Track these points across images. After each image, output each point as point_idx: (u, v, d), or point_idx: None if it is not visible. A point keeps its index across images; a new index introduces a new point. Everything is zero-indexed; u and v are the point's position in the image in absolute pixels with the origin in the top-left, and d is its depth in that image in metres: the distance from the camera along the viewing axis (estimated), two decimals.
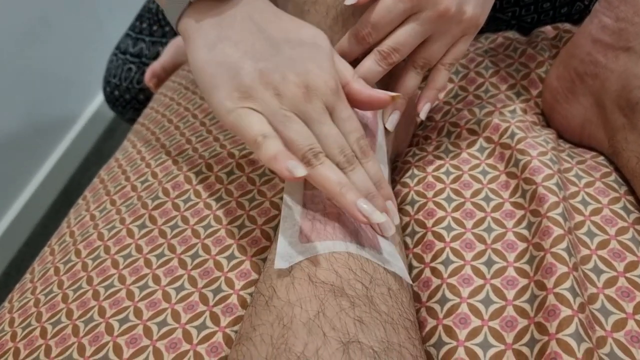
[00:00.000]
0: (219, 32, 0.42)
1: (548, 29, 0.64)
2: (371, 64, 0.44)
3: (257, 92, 0.40)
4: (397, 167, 0.54)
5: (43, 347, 0.44)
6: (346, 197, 0.37)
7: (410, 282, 0.40)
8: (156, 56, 0.95)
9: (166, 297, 0.45)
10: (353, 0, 0.43)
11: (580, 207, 0.45)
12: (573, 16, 0.68)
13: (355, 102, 0.43)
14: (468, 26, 0.45)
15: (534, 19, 0.68)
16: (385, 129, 0.47)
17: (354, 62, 0.45)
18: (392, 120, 0.46)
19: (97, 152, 1.75)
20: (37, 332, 0.45)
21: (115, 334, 0.43)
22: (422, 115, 0.47)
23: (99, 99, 1.78)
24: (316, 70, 0.40)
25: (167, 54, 0.89)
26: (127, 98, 0.97)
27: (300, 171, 0.36)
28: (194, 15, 0.42)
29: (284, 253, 0.37)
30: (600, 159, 0.50)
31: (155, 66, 0.89)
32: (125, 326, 0.43)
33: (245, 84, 0.40)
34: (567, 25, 0.63)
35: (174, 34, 0.96)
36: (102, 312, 0.45)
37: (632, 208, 0.45)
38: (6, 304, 0.51)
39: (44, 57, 1.52)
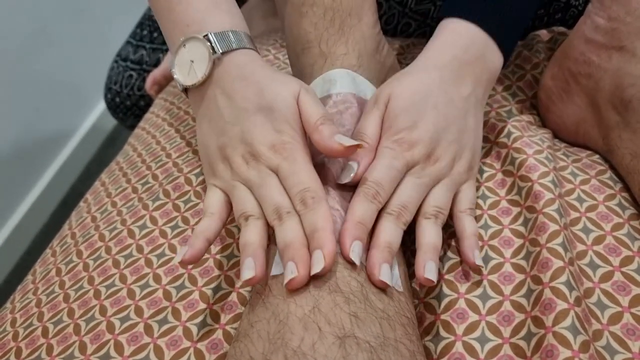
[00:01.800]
0: (202, 112, 0.47)
1: (543, 32, 0.65)
2: (391, 226, 0.40)
3: (217, 169, 0.45)
4: None
5: (45, 346, 0.44)
6: (242, 262, 0.39)
7: (405, 284, 0.40)
8: (157, 63, 0.96)
9: (167, 295, 0.45)
10: (348, 178, 0.42)
11: (576, 203, 0.46)
12: (567, 22, 0.69)
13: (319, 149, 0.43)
14: (465, 171, 0.45)
15: (528, 25, 0.69)
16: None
17: None
18: (431, 270, 0.40)
19: (97, 161, 1.76)
20: (38, 332, 0.45)
21: (117, 332, 0.43)
22: (479, 262, 0.41)
23: (100, 108, 1.79)
24: (261, 136, 0.42)
25: (168, 61, 0.90)
26: (128, 105, 0.98)
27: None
28: (190, 96, 0.49)
29: (278, 259, 0.39)
30: (595, 157, 0.51)
31: (156, 73, 0.90)
32: (126, 324, 0.43)
33: (211, 161, 0.46)
34: (561, 29, 0.64)
35: None
36: (103, 311, 0.45)
37: (627, 205, 0.45)
38: (8, 304, 0.51)
39: (45, 66, 1.53)
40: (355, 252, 0.38)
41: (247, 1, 0.94)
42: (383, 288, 0.38)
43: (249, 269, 0.38)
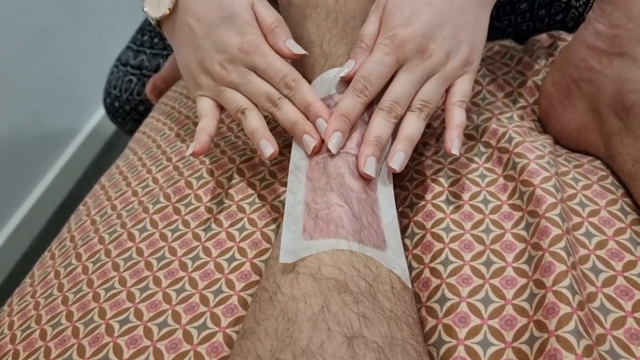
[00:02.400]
0: (178, 39, 0.52)
1: (544, 37, 0.65)
2: (381, 121, 0.45)
3: (200, 81, 0.50)
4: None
5: (42, 349, 0.44)
6: (259, 146, 0.46)
7: (409, 285, 0.40)
8: (157, 68, 0.96)
9: (167, 298, 0.45)
10: (344, 72, 0.46)
11: (578, 208, 0.46)
12: (568, 23, 0.69)
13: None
14: (460, 66, 0.46)
15: (529, 26, 0.70)
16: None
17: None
18: (398, 159, 0.44)
19: (96, 167, 1.76)
20: (36, 335, 0.45)
21: (116, 334, 0.43)
22: (455, 150, 0.45)
23: (99, 113, 1.79)
24: (230, 41, 0.48)
25: (168, 66, 0.90)
26: (127, 109, 0.98)
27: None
28: (164, 29, 0.54)
29: (288, 248, 0.38)
30: (597, 163, 0.51)
31: (156, 78, 0.90)
32: (125, 327, 0.43)
33: (194, 77, 0.51)
34: (562, 34, 0.64)
35: None
36: (102, 313, 0.45)
37: (629, 210, 0.45)
38: (5, 307, 0.51)
39: (45, 71, 1.53)
40: (333, 142, 0.43)
41: None
42: (367, 179, 0.43)
43: (267, 147, 0.46)
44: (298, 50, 0.47)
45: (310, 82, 0.49)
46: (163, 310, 0.44)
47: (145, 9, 0.53)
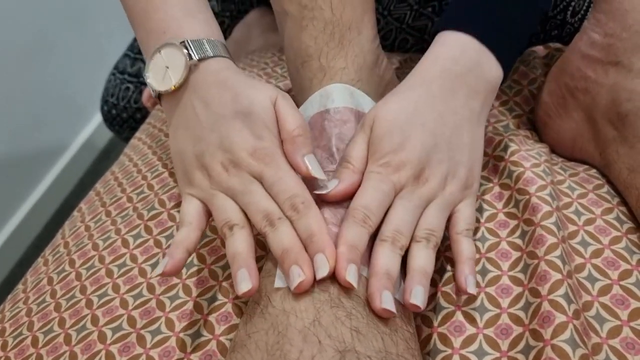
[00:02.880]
0: (177, 119, 0.46)
1: (539, 48, 0.66)
2: (387, 253, 0.39)
3: (194, 177, 0.44)
4: None
5: (34, 356, 0.43)
6: (235, 275, 0.38)
7: (400, 301, 0.39)
8: None
9: (160, 305, 0.44)
10: (325, 190, 0.41)
11: (574, 217, 0.46)
12: (564, 39, 0.70)
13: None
14: (460, 190, 0.43)
15: (523, 49, 0.70)
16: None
17: None
18: (417, 295, 0.37)
19: (92, 175, 1.75)
20: (28, 341, 0.45)
21: (108, 342, 0.42)
22: (471, 289, 0.39)
23: (95, 121, 1.78)
24: (241, 142, 0.42)
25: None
26: (124, 117, 0.98)
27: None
28: (164, 103, 0.48)
29: (281, 273, 0.38)
30: (593, 171, 0.51)
31: None
32: (118, 334, 0.43)
33: (187, 170, 0.45)
34: (557, 45, 0.65)
35: None
36: (95, 320, 0.44)
37: (624, 218, 0.45)
38: None
39: (42, 79, 1.53)
40: (351, 274, 0.36)
41: (246, 17, 0.95)
42: (387, 317, 0.36)
43: (245, 281, 0.37)
44: (317, 173, 0.41)
45: (308, 96, 0.49)
46: (156, 318, 0.43)
47: (148, 80, 0.47)
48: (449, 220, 0.43)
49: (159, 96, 0.48)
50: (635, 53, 0.47)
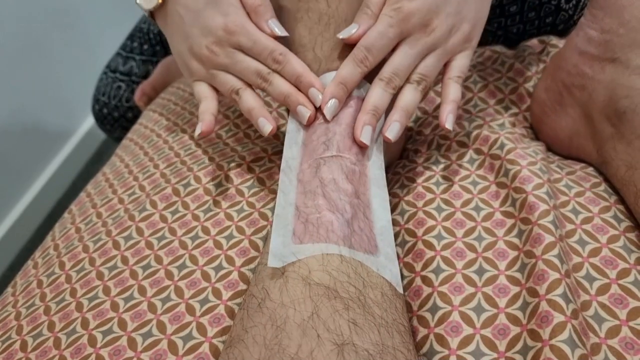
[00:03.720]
0: (170, 28, 0.52)
1: (535, 42, 0.65)
2: (379, 91, 0.45)
3: (192, 67, 0.51)
4: (388, 179, 0.53)
5: None
6: (257, 124, 0.47)
7: (401, 291, 0.40)
8: (146, 75, 0.95)
9: (152, 308, 0.43)
10: (346, 34, 0.46)
11: (571, 215, 0.45)
12: (558, 26, 0.69)
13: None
14: (461, 42, 0.47)
15: (519, 29, 0.69)
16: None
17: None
18: (393, 129, 0.46)
19: (84, 176, 1.74)
20: (16, 346, 0.44)
21: (99, 345, 0.41)
22: (448, 125, 0.46)
23: (88, 122, 1.77)
24: (214, 24, 0.48)
25: (158, 73, 0.90)
26: (116, 116, 0.97)
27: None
28: (157, 20, 0.54)
29: (277, 252, 0.37)
30: (590, 169, 0.51)
31: (145, 85, 0.89)
32: (108, 337, 0.42)
33: (186, 64, 0.51)
34: (553, 39, 0.64)
35: (164, 53, 0.96)
36: (85, 324, 0.43)
37: (622, 217, 0.45)
38: None
39: (33, 79, 1.52)
40: (329, 108, 0.45)
41: None
42: (363, 147, 0.44)
43: (266, 125, 0.47)
44: (280, 31, 0.47)
45: None
46: (148, 320, 0.43)
47: (137, 1, 0.53)
48: (444, 67, 0.48)
49: (152, 15, 0.54)
50: (633, 49, 0.47)
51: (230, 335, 0.36)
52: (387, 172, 0.54)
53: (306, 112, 0.45)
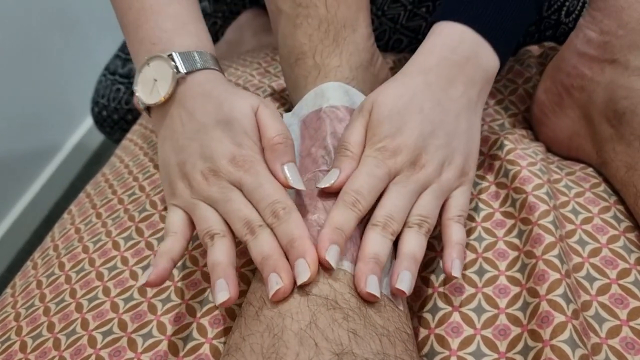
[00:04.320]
0: (164, 131, 0.46)
1: (534, 47, 0.66)
2: (377, 237, 0.38)
3: (176, 187, 0.43)
4: None
5: None
6: (214, 285, 0.38)
7: (401, 308, 0.39)
8: None
9: (152, 309, 0.43)
10: (328, 183, 0.41)
11: (571, 216, 0.45)
12: (558, 39, 0.70)
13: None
14: (456, 177, 0.43)
15: (519, 42, 0.70)
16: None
17: None
18: (404, 280, 0.37)
19: (83, 178, 1.74)
20: (16, 347, 0.44)
21: (99, 346, 0.41)
22: (455, 272, 0.39)
23: (86, 125, 1.77)
24: (220, 150, 0.42)
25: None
26: (115, 118, 0.96)
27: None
28: (153, 116, 0.48)
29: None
30: (589, 170, 0.51)
31: None
32: (108, 338, 0.42)
33: (170, 180, 0.44)
34: (552, 44, 0.64)
35: None
36: (84, 324, 0.43)
37: (622, 217, 0.45)
38: None
39: (33, 81, 1.52)
40: (331, 254, 0.36)
41: (238, 18, 0.94)
42: (371, 301, 0.36)
43: (223, 291, 0.37)
44: (294, 182, 0.40)
45: (302, 94, 0.49)
46: (148, 321, 0.42)
47: (137, 93, 0.47)
48: (442, 207, 0.43)
49: (148, 109, 0.48)
50: (632, 50, 0.47)
51: (228, 343, 0.36)
52: None
53: (277, 284, 0.35)
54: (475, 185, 0.49)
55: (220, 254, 0.39)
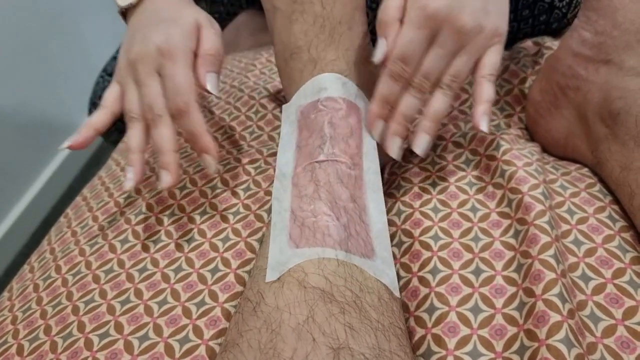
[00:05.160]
0: (132, 27, 0.52)
1: (529, 44, 0.65)
2: (409, 99, 0.44)
3: (120, 66, 0.50)
4: (384, 179, 0.53)
5: None
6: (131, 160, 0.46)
7: (398, 295, 0.40)
8: None
9: (148, 311, 0.43)
10: (380, 55, 0.44)
11: (567, 216, 0.45)
12: (552, 24, 0.69)
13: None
14: (490, 37, 0.45)
15: (513, 27, 0.70)
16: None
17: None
18: (422, 144, 0.45)
19: (81, 180, 1.74)
20: (13, 350, 0.43)
21: (95, 349, 0.41)
22: (483, 127, 0.44)
23: None
24: (155, 39, 0.47)
25: None
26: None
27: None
28: (128, 20, 0.54)
29: (274, 264, 0.37)
30: (585, 170, 0.51)
31: None
32: (105, 341, 0.42)
33: (119, 61, 0.51)
34: (547, 42, 0.64)
35: None
36: (81, 327, 0.43)
37: (617, 217, 0.45)
38: None
39: (30, 84, 1.51)
40: (376, 130, 0.45)
41: (235, 19, 0.94)
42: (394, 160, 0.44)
43: (129, 179, 0.45)
44: (212, 89, 0.47)
45: (298, 87, 0.49)
46: (144, 323, 0.42)
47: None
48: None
49: (124, 14, 0.54)
50: (626, 51, 0.47)
51: (225, 340, 0.36)
52: (383, 172, 0.54)
53: (166, 179, 0.44)
54: (472, 185, 0.49)
55: (133, 139, 0.47)
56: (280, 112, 0.60)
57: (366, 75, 0.50)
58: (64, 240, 0.54)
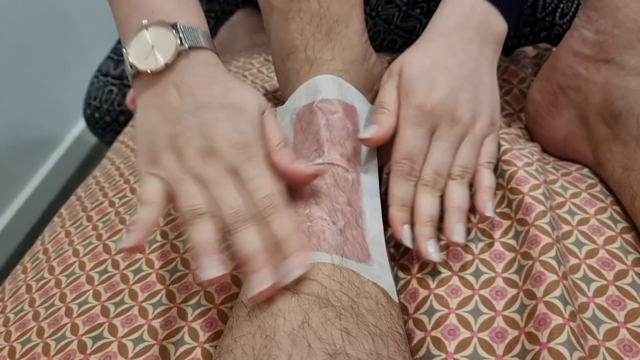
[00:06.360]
0: (152, 100, 0.44)
1: (529, 48, 0.65)
2: (428, 199, 0.44)
3: (162, 158, 0.41)
4: (382, 179, 0.53)
5: None
6: (203, 263, 0.37)
7: (396, 299, 0.39)
8: None
9: (143, 313, 0.43)
10: (367, 134, 0.44)
11: (567, 217, 0.45)
12: (552, 41, 0.69)
13: (279, 174, 0.41)
14: (487, 126, 0.47)
15: (514, 44, 0.69)
16: None
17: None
18: (459, 232, 0.42)
19: (76, 180, 1.72)
20: (4, 352, 0.43)
21: (89, 351, 0.40)
22: (489, 212, 0.43)
23: (80, 126, 1.76)
24: (224, 132, 0.40)
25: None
26: (108, 120, 0.96)
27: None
28: (138, 83, 0.45)
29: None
30: (585, 171, 0.50)
31: None
32: (98, 343, 0.41)
33: (154, 150, 0.41)
34: (546, 45, 0.64)
35: None
36: (74, 329, 0.42)
37: (618, 218, 0.45)
38: None
39: (25, 83, 1.50)
40: (405, 235, 0.42)
41: (231, 18, 0.93)
42: (430, 261, 0.42)
43: (216, 267, 0.36)
44: (310, 169, 0.40)
45: (294, 88, 0.48)
46: (139, 326, 0.42)
47: (129, 55, 0.44)
48: None
49: (136, 74, 0.45)
50: (627, 50, 0.46)
51: (219, 346, 0.36)
52: (381, 172, 0.54)
53: (262, 284, 0.35)
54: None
55: (208, 233, 0.38)
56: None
57: (364, 74, 0.49)
58: (58, 240, 0.53)
